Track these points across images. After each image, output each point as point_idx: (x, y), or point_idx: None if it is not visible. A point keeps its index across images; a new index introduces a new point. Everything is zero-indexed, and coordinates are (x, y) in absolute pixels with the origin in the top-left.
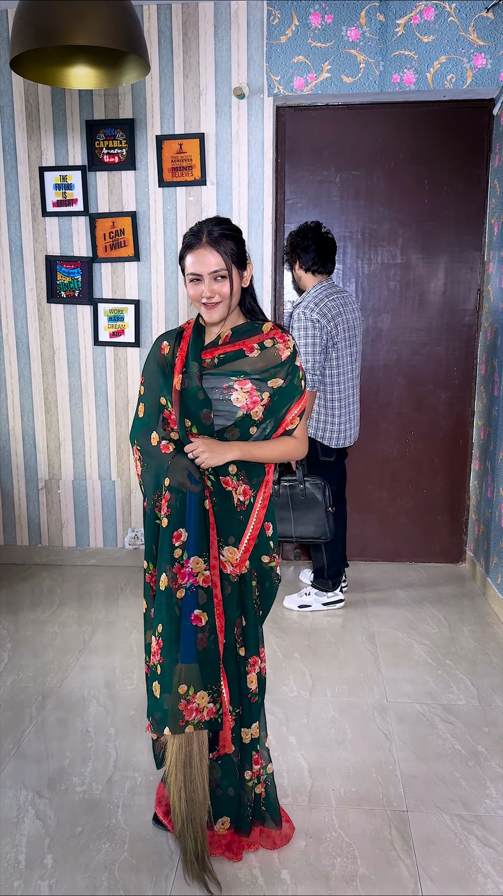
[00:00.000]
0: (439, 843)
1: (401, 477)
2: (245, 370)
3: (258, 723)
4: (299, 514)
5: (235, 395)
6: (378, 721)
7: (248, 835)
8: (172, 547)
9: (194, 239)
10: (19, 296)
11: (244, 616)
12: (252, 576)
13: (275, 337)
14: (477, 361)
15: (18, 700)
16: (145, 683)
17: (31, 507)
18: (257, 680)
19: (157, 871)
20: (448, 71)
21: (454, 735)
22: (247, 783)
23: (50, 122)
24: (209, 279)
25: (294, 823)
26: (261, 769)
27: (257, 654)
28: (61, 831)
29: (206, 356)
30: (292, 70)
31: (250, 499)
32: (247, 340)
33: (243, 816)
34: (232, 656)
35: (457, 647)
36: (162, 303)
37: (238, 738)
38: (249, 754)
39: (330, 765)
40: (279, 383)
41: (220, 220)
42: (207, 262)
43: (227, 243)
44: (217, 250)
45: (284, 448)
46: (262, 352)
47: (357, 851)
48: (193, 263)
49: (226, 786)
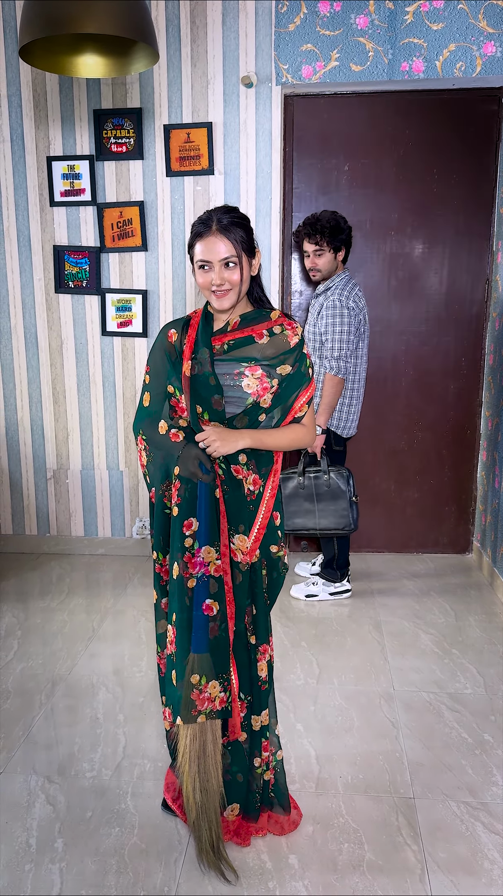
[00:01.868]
0: (446, 830)
1: (409, 467)
2: (255, 356)
3: (268, 710)
4: (323, 505)
5: (246, 381)
6: (385, 709)
7: (255, 820)
8: (183, 536)
9: (203, 227)
10: (27, 286)
11: (254, 604)
12: (262, 565)
13: (283, 324)
14: (485, 352)
15: (28, 687)
16: (156, 672)
17: (39, 497)
18: (267, 668)
19: (167, 856)
20: (457, 59)
21: (460, 723)
22: (256, 770)
23: (58, 112)
24: (219, 266)
25: (302, 810)
26: (270, 756)
27: (267, 642)
28: (71, 816)
29: (216, 342)
30: (300, 58)
31: (259, 488)
32: (255, 327)
33: (251, 802)
34: (242, 644)
35: (463, 637)
36: (169, 293)
37: (248, 726)
38: (259, 741)
39: (337, 752)
40: (287, 370)
41: (228, 209)
42: (217, 249)
43: (237, 231)
44: (227, 237)
45: (293, 436)
46: (272, 338)
47: (364, 837)
48: (203, 251)
49: (235, 772)
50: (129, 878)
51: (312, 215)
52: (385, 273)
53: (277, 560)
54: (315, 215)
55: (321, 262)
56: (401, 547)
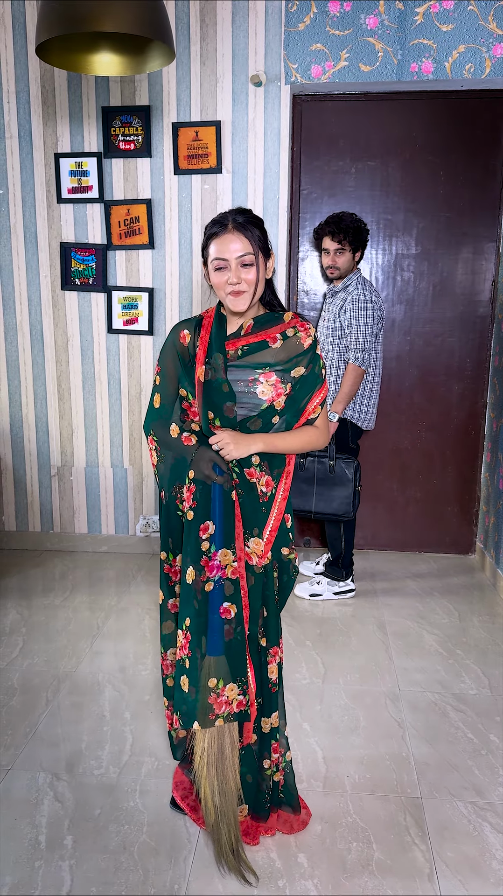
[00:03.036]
0: (453, 830)
1: (412, 467)
2: (269, 361)
3: (277, 712)
4: (322, 489)
5: (261, 388)
6: (390, 709)
7: (265, 820)
8: (199, 540)
9: (219, 227)
10: (33, 283)
11: (265, 607)
12: (273, 567)
13: (296, 325)
14: (490, 353)
15: (34, 684)
16: (160, 673)
17: (43, 494)
18: (277, 670)
19: (176, 853)
20: (466, 60)
21: (466, 724)
22: (265, 771)
23: (66, 109)
24: (235, 265)
25: (310, 808)
26: (279, 757)
27: (277, 644)
28: (80, 813)
29: (230, 347)
30: (310, 58)
31: (272, 490)
32: (269, 330)
33: (261, 803)
34: (254, 647)
35: (467, 638)
36: (176, 291)
37: (258, 728)
38: (269, 743)
39: (344, 751)
40: (301, 372)
41: (243, 210)
42: (234, 247)
43: (254, 230)
44: (244, 235)
45: (306, 438)
46: (285, 341)
47: (372, 837)
48: (219, 249)
49: (244, 773)
50: (138, 875)
51: (335, 214)
52: (391, 274)
53: (288, 563)
54: (338, 215)
55: (341, 261)
56: (403, 546)
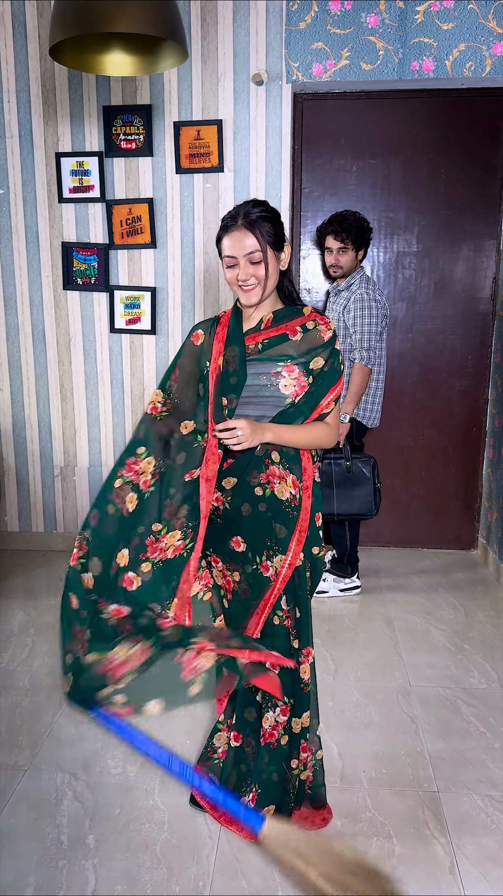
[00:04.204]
0: (471, 823)
1: (415, 464)
2: (290, 353)
3: (309, 712)
4: (343, 490)
5: (283, 381)
6: (402, 704)
7: (289, 818)
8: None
9: (231, 221)
10: (35, 282)
11: (297, 607)
12: (306, 567)
13: (315, 319)
14: (491, 350)
15: (46, 684)
16: None
17: (46, 494)
18: (310, 670)
19: (199, 851)
20: (467, 59)
21: (478, 718)
22: (292, 770)
23: (67, 108)
24: (244, 262)
25: (329, 804)
26: (309, 756)
27: (310, 644)
28: (100, 812)
29: (250, 341)
30: (311, 57)
31: (299, 492)
32: (289, 324)
33: (286, 802)
34: (286, 646)
35: (474, 633)
36: (178, 290)
37: (289, 728)
38: (298, 743)
39: (359, 747)
40: (320, 364)
41: (257, 203)
42: (243, 244)
43: (264, 225)
44: (252, 232)
45: (316, 433)
46: (305, 334)
47: (392, 831)
48: (229, 246)
49: (271, 772)
50: (162, 873)
51: (338, 213)
52: (392, 271)
53: (318, 559)
54: (342, 213)
55: (344, 260)
56: (406, 542)
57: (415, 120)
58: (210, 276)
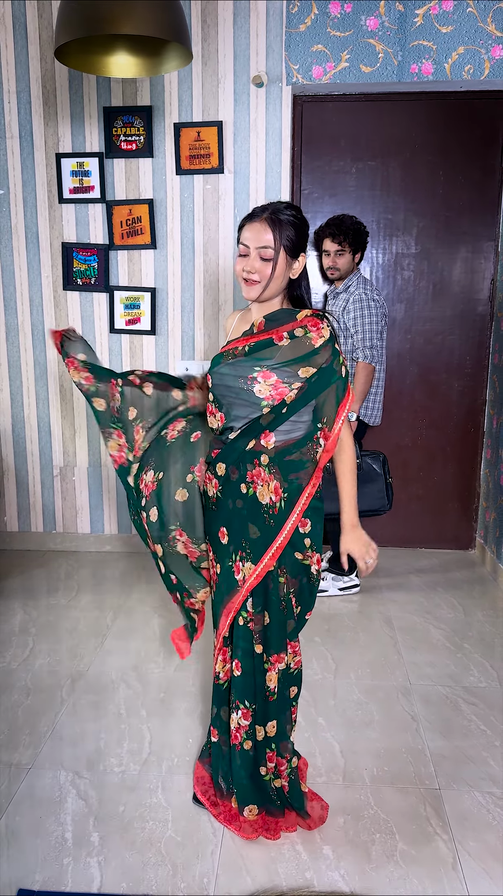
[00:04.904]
0: (473, 820)
1: (413, 464)
2: (267, 358)
3: (275, 721)
4: None
5: (258, 387)
6: (403, 703)
7: (282, 815)
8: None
9: (259, 211)
10: (35, 283)
11: (268, 612)
12: (279, 572)
13: (306, 325)
14: (490, 350)
15: (48, 683)
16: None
17: (45, 494)
18: (278, 679)
19: (203, 848)
20: (466, 62)
21: (478, 716)
22: (263, 778)
23: (67, 109)
24: (255, 254)
25: (331, 802)
26: (282, 765)
27: (279, 652)
28: (104, 810)
29: (240, 344)
30: (311, 59)
31: (281, 501)
32: (279, 329)
33: (272, 801)
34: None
35: (473, 632)
36: (178, 291)
37: (252, 734)
38: (263, 752)
39: (360, 745)
40: (311, 371)
41: (290, 205)
42: (259, 236)
43: (287, 228)
44: (272, 228)
45: (351, 466)
46: (292, 340)
47: (395, 828)
48: (245, 234)
49: (242, 775)
50: (167, 870)
51: (336, 217)
52: (391, 273)
53: (304, 566)
54: (339, 217)
55: (341, 262)
56: (405, 542)
57: (414, 122)
58: (210, 276)
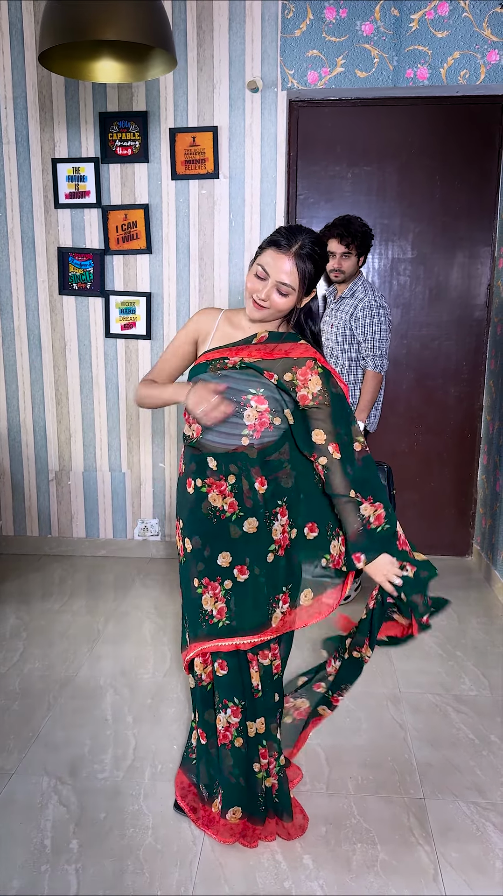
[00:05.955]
0: (457, 830)
1: (409, 470)
2: (265, 382)
3: (264, 718)
4: None
5: (248, 412)
6: (392, 711)
7: (262, 824)
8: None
9: (285, 241)
10: (31, 287)
11: None
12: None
13: (303, 357)
14: (486, 356)
15: (36, 688)
16: (161, 674)
17: (41, 498)
18: (259, 676)
19: (182, 856)
20: (461, 66)
21: (467, 724)
22: (256, 775)
23: (63, 114)
24: (273, 285)
25: (313, 810)
26: (271, 763)
27: (263, 649)
28: (85, 817)
29: (233, 353)
30: (306, 64)
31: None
32: (280, 345)
33: (256, 806)
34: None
35: (466, 639)
36: (174, 296)
37: (244, 731)
38: (256, 748)
39: (346, 753)
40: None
41: (317, 240)
42: (282, 270)
43: (309, 264)
44: (297, 267)
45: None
46: (286, 363)
47: (377, 837)
48: (269, 262)
49: (237, 775)
50: (145, 878)
51: (343, 217)
52: (387, 278)
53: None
54: (347, 218)
55: (346, 265)
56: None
57: (410, 127)
58: (205, 281)
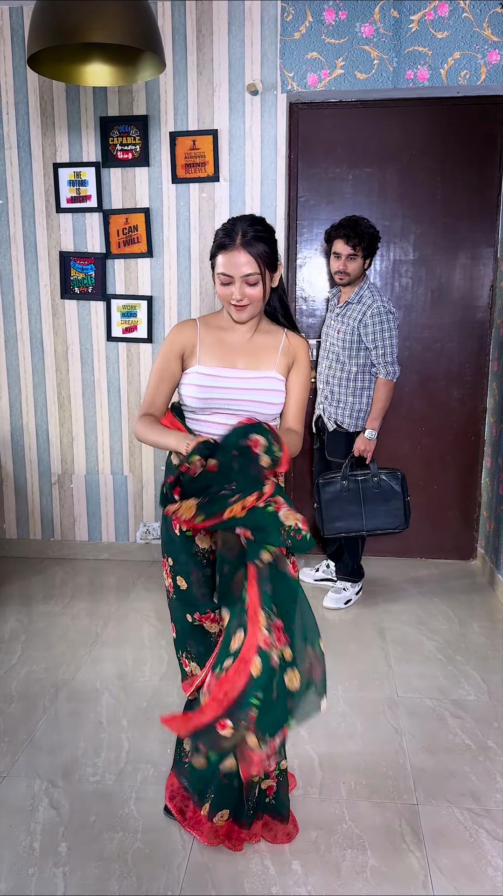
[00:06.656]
0: (449, 836)
1: (412, 473)
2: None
3: None
4: (371, 506)
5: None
6: (388, 715)
7: (248, 827)
8: None
9: (227, 239)
10: (33, 291)
11: None
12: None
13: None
14: (489, 358)
15: (32, 691)
16: (159, 678)
17: (44, 502)
18: None
19: (170, 860)
20: (462, 67)
21: (464, 730)
22: (252, 777)
23: (64, 119)
24: (240, 282)
25: (305, 815)
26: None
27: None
28: (75, 820)
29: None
30: (306, 66)
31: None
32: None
33: (244, 810)
34: None
35: (467, 644)
36: (175, 299)
37: None
38: None
39: (341, 758)
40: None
41: (254, 220)
42: (240, 265)
43: (260, 245)
44: (250, 253)
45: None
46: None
47: (367, 843)
48: (225, 264)
49: (231, 776)
50: (132, 882)
51: (350, 218)
52: (389, 280)
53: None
54: (354, 218)
55: (352, 267)
56: (404, 552)
57: (411, 128)
58: (206, 284)
